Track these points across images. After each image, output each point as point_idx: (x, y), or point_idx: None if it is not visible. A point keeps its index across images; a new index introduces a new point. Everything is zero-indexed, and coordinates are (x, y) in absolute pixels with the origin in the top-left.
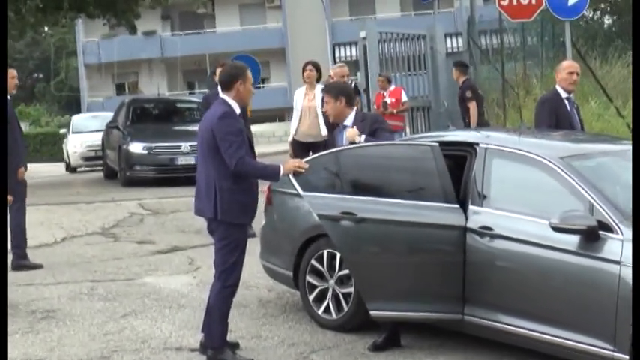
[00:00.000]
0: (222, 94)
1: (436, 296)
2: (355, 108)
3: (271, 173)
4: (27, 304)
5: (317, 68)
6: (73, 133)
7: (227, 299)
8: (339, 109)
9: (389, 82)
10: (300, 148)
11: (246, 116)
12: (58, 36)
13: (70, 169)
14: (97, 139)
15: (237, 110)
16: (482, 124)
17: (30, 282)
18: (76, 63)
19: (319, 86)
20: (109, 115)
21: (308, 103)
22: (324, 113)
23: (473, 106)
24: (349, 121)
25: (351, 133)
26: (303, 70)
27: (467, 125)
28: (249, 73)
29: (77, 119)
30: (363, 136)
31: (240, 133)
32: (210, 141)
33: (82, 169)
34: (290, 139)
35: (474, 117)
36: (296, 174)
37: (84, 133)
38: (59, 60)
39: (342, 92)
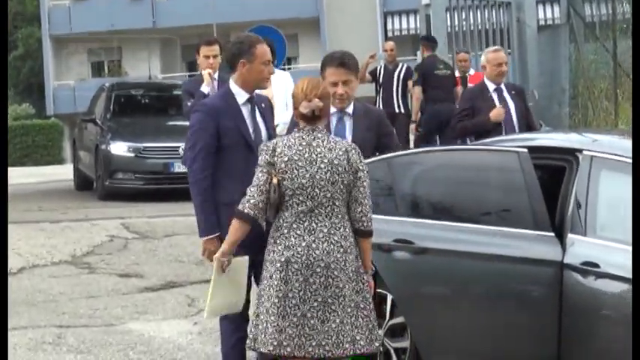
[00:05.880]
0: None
1: (522, 356)
2: None
3: (201, 226)
4: None
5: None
6: None
7: (223, 337)
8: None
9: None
10: None
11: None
12: None
13: None
14: None
15: (242, 98)
16: None
17: None
18: (39, 34)
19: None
20: None
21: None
22: (338, 97)
23: None
24: (351, 108)
25: None
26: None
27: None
28: (259, 49)
29: None
30: None
31: (197, 131)
32: None
33: None
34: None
35: None
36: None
37: None
38: (17, 30)
39: (357, 67)
